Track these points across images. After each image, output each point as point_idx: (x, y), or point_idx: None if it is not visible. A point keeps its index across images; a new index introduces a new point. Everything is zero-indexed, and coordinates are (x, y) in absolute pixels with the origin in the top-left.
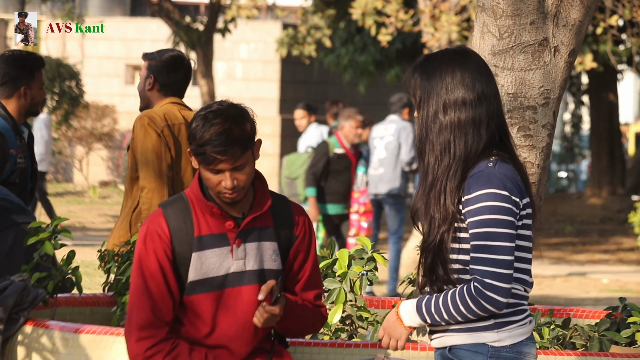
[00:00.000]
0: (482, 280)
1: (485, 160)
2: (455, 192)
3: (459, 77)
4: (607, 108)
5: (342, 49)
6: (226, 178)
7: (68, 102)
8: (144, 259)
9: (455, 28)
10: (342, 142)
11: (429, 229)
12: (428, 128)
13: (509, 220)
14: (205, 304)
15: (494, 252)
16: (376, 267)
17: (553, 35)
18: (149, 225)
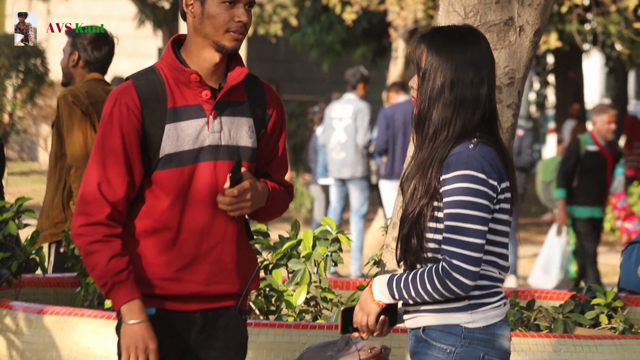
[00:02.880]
0: (450, 261)
1: (466, 142)
2: (439, 169)
3: (469, 56)
4: (572, 87)
5: (309, 27)
6: (241, 11)
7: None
8: (107, 133)
9: (421, 7)
10: (596, 138)
11: (411, 199)
12: (431, 101)
13: (483, 203)
14: (179, 178)
15: (464, 234)
16: (340, 248)
17: (518, 15)
18: (118, 97)
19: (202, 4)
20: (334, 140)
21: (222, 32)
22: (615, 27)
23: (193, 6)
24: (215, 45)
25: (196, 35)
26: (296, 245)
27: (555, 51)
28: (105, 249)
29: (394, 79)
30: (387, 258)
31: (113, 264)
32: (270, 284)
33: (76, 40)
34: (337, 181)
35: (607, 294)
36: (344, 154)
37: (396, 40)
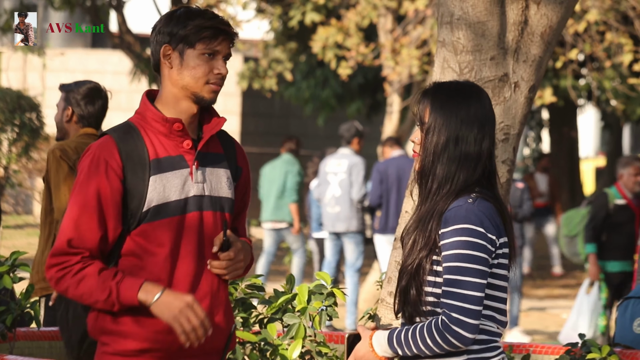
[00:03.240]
0: (450, 314)
1: (465, 196)
2: (439, 223)
3: (473, 112)
4: (567, 143)
5: (304, 82)
6: (220, 63)
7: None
8: (83, 188)
9: (416, 62)
10: (623, 191)
11: (410, 252)
12: (435, 156)
13: (482, 256)
14: (169, 229)
15: (463, 287)
16: (336, 303)
17: (513, 71)
18: (96, 152)
19: (182, 55)
20: (329, 194)
21: (202, 84)
22: (610, 82)
23: (171, 57)
24: (194, 97)
25: (173, 86)
26: (291, 300)
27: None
28: (89, 270)
29: (389, 134)
30: (382, 312)
31: (105, 274)
32: (265, 338)
33: (69, 95)
34: (332, 235)
35: (602, 349)
36: (338, 208)
37: (391, 95)
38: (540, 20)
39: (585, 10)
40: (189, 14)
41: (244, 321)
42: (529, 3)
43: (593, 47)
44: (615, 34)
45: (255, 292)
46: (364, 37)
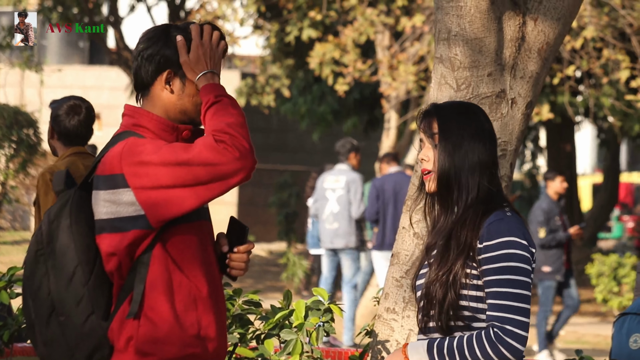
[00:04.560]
0: (503, 326)
1: (501, 210)
2: (474, 231)
3: (480, 126)
4: (564, 159)
5: (300, 98)
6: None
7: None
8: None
9: (413, 78)
10: None
11: (442, 263)
12: (456, 168)
13: (528, 269)
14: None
15: (514, 299)
16: (333, 318)
17: (510, 87)
18: (136, 141)
19: (182, 81)
20: (327, 210)
21: (195, 108)
22: (607, 99)
23: (172, 83)
24: (190, 120)
25: (168, 109)
26: (288, 315)
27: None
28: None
29: (386, 150)
30: (379, 328)
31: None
32: (262, 354)
33: (52, 112)
34: (329, 251)
35: None
36: (336, 224)
37: (388, 111)
38: (537, 37)
39: (583, 26)
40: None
41: (241, 337)
42: (526, 19)
43: (590, 63)
44: (612, 51)
45: (252, 307)
46: (361, 53)
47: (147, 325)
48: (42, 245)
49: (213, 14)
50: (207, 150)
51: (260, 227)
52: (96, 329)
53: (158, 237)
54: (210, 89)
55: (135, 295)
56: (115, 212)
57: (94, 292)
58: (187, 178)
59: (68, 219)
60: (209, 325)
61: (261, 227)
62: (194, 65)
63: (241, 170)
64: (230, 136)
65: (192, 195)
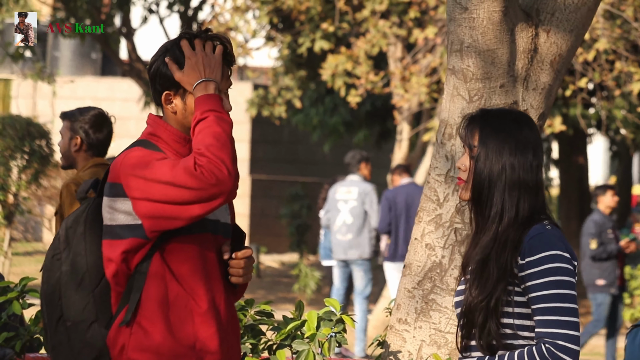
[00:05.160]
0: (555, 342)
1: (540, 224)
2: (515, 252)
3: (525, 137)
4: (577, 171)
5: (312, 109)
6: (225, 99)
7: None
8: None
9: (425, 90)
10: None
11: (483, 285)
12: (491, 183)
13: (573, 282)
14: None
15: (564, 314)
16: (345, 329)
17: (523, 99)
18: (136, 153)
19: (184, 100)
20: (339, 221)
21: None
22: (619, 111)
23: (173, 102)
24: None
25: (179, 124)
26: (300, 326)
27: (559, 135)
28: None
29: (398, 162)
30: (391, 339)
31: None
32: None
33: (75, 124)
34: (340, 262)
35: None
36: (350, 236)
37: (400, 123)
38: (549, 49)
39: (595, 39)
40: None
41: (253, 347)
42: (539, 31)
43: (602, 75)
44: (624, 63)
45: (264, 318)
46: (373, 65)
47: (138, 333)
48: (59, 251)
49: (225, 25)
50: (185, 174)
51: (272, 238)
52: (98, 336)
53: (157, 248)
54: (200, 102)
55: (131, 304)
56: (116, 219)
57: (100, 299)
58: (173, 197)
59: (83, 225)
60: (208, 339)
61: (273, 239)
62: (189, 77)
63: (219, 195)
64: (208, 160)
65: (181, 213)
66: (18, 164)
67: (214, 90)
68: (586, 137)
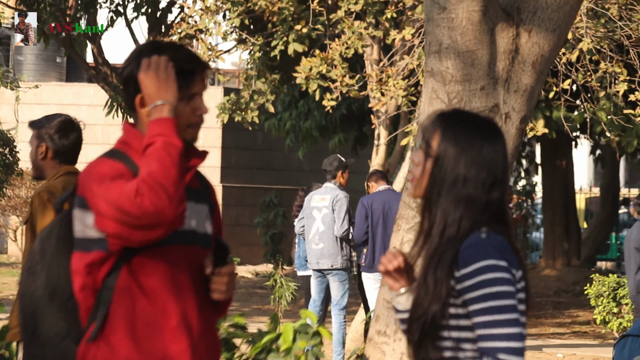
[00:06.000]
0: (496, 357)
1: (477, 232)
2: (451, 267)
3: (484, 155)
4: (561, 175)
5: (285, 113)
6: (201, 102)
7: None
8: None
9: (403, 93)
10: None
11: (422, 299)
12: (442, 188)
13: (512, 291)
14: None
15: (504, 325)
16: (321, 342)
17: (504, 101)
18: (97, 166)
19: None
20: (313, 229)
21: (184, 129)
22: (604, 113)
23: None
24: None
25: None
26: (276, 339)
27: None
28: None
29: (376, 167)
30: (370, 352)
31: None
32: None
33: (41, 131)
34: (316, 272)
35: None
36: (322, 245)
37: (378, 127)
38: (531, 49)
39: (579, 38)
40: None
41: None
42: (520, 31)
43: (586, 76)
44: (609, 63)
45: (238, 331)
46: (349, 67)
47: (105, 350)
48: (34, 263)
49: (195, 27)
50: (127, 200)
51: (246, 248)
52: (69, 352)
53: (124, 261)
54: (151, 127)
55: (98, 320)
56: (83, 231)
57: (71, 314)
58: (118, 219)
59: (55, 238)
60: (179, 355)
61: (247, 249)
62: (148, 100)
63: (158, 225)
64: (149, 187)
65: (128, 235)
66: None
67: (168, 113)
68: (570, 141)
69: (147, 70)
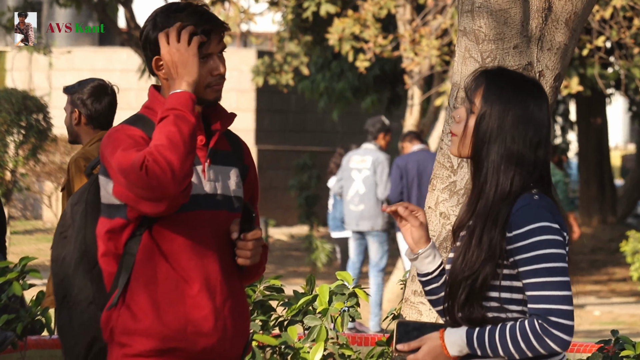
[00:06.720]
0: (548, 318)
1: (528, 193)
2: (504, 227)
3: (529, 113)
4: (595, 133)
5: (318, 75)
6: (216, 63)
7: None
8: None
9: (436, 52)
10: None
11: (470, 258)
12: (491, 145)
13: (564, 253)
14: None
15: (557, 288)
16: (358, 303)
17: (537, 60)
18: (114, 133)
19: None
20: (352, 191)
21: (202, 89)
22: (639, 70)
23: (164, 68)
24: (200, 101)
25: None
26: (312, 301)
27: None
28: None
29: (410, 128)
30: (407, 312)
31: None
32: (285, 341)
33: (74, 97)
34: (356, 234)
35: (636, 346)
36: (362, 206)
37: (411, 88)
38: (564, 7)
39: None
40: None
41: (263, 324)
42: None
43: (620, 33)
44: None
45: (274, 293)
46: (381, 28)
47: (126, 316)
48: (65, 228)
49: None
50: (132, 170)
51: (281, 211)
52: (94, 318)
53: (145, 227)
54: (169, 100)
55: (120, 285)
56: (107, 197)
57: (97, 280)
58: (127, 187)
59: (84, 203)
60: (201, 321)
61: (281, 211)
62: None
63: (161, 198)
64: (154, 160)
65: (136, 203)
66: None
67: (187, 87)
68: (605, 98)
69: (169, 47)
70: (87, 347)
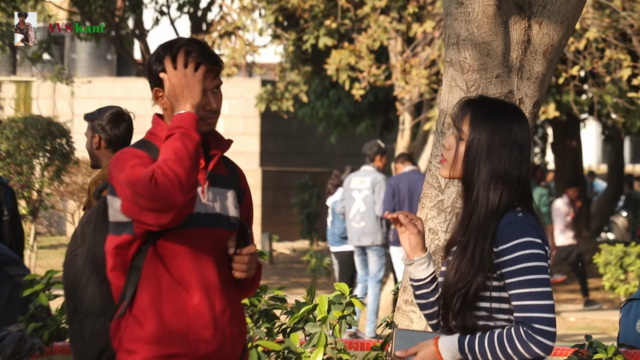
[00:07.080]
0: (532, 325)
1: (513, 211)
2: (492, 242)
3: (514, 134)
4: (571, 155)
5: (318, 102)
6: (209, 98)
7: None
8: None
9: (425, 81)
10: None
11: (462, 275)
12: (479, 168)
13: (546, 266)
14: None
15: (539, 298)
16: (354, 311)
17: (518, 88)
18: (122, 155)
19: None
20: (354, 209)
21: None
22: (610, 97)
23: (163, 99)
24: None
25: (170, 120)
26: (312, 310)
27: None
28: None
29: (401, 150)
30: (399, 319)
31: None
32: (288, 347)
33: (94, 123)
34: (358, 249)
35: (607, 349)
36: (363, 223)
37: (402, 114)
38: (542, 39)
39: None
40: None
41: (268, 331)
42: (532, 23)
43: (593, 63)
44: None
45: (278, 303)
46: (375, 59)
47: (132, 324)
48: (76, 247)
49: (233, 24)
50: (142, 182)
51: (284, 227)
52: (103, 329)
53: (150, 243)
54: (174, 120)
55: (127, 297)
56: (115, 215)
57: (106, 293)
58: (133, 199)
59: (93, 223)
60: (202, 329)
61: (285, 227)
62: (172, 99)
63: (170, 208)
64: (163, 173)
65: (140, 214)
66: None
67: (191, 109)
68: (579, 122)
69: (177, 71)
70: (98, 355)
